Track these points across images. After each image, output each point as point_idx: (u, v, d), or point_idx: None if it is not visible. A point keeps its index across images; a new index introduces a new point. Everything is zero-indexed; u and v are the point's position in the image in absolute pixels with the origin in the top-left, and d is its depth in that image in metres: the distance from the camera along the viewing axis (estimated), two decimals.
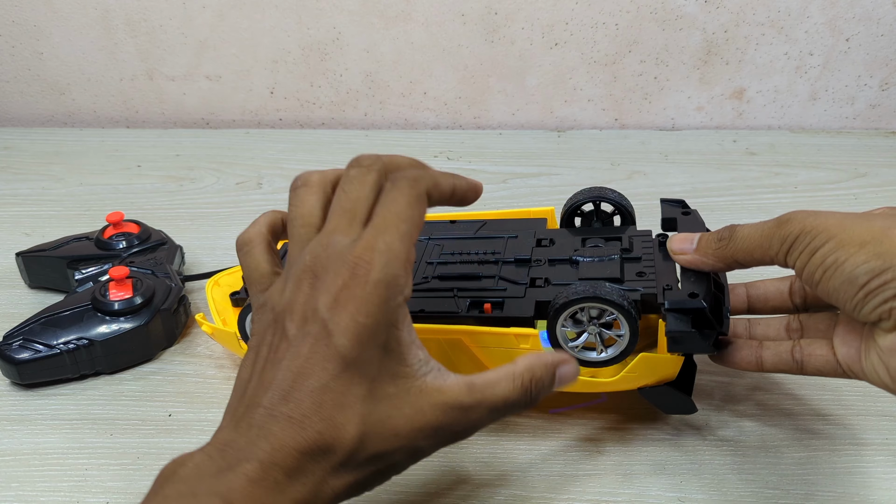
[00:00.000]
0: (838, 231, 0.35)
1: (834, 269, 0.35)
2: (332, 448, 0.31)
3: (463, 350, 0.43)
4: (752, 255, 0.38)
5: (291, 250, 0.36)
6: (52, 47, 0.81)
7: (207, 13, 0.78)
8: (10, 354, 0.48)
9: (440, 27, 0.78)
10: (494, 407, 0.35)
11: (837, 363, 0.39)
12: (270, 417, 0.31)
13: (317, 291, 0.33)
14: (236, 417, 0.33)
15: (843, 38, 0.78)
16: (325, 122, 0.86)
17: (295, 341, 0.33)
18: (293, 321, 0.33)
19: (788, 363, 0.40)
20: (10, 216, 0.68)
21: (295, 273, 0.34)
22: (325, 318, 0.32)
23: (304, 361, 0.32)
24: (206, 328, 0.48)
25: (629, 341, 0.40)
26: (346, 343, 0.32)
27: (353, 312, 0.32)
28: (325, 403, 0.32)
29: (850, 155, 0.77)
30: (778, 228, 0.37)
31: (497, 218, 0.52)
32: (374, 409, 0.33)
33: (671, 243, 0.42)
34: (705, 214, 0.47)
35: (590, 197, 0.49)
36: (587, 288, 0.39)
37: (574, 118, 0.84)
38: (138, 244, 0.57)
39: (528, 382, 0.36)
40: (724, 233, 0.40)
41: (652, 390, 0.43)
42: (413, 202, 0.34)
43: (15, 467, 0.44)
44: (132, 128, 0.86)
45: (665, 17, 0.77)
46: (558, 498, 0.42)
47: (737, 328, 0.44)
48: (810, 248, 0.35)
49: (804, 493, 0.41)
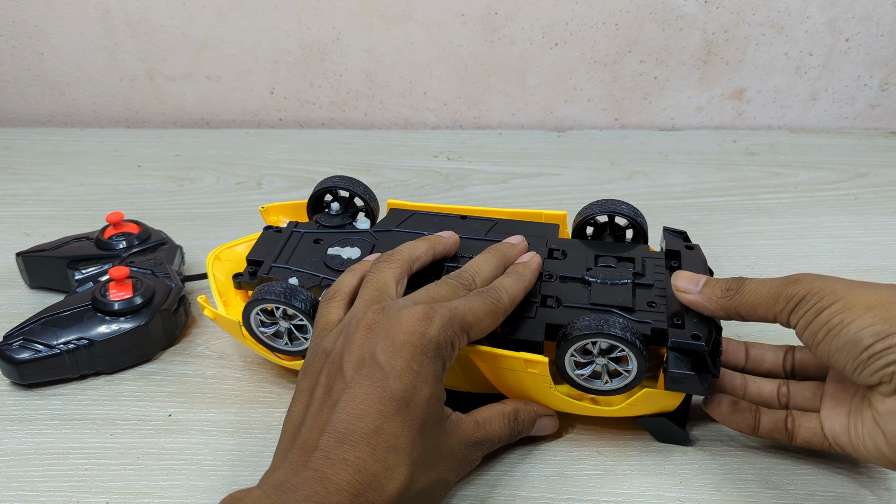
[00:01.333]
0: (845, 294, 0.36)
1: (839, 330, 0.35)
2: (384, 488, 0.33)
3: (469, 366, 0.43)
4: (756, 310, 0.39)
5: (357, 304, 0.41)
6: (52, 47, 0.81)
7: (207, 13, 0.78)
8: (10, 354, 0.48)
9: (440, 27, 0.78)
10: (492, 441, 0.41)
11: (824, 436, 0.40)
12: (326, 460, 0.33)
13: (375, 336, 0.37)
14: (291, 459, 0.34)
15: (843, 38, 0.78)
16: (325, 122, 0.86)
17: (352, 383, 0.35)
18: (350, 363, 0.36)
19: (781, 432, 0.42)
20: (10, 216, 0.68)
21: (355, 320, 0.38)
22: (381, 362, 0.35)
23: (360, 403, 0.35)
24: (208, 312, 0.47)
25: (635, 377, 0.41)
26: (401, 386, 0.35)
27: (408, 359, 0.36)
28: (379, 446, 0.34)
29: (850, 155, 0.77)
30: (785, 287, 0.38)
31: (509, 218, 0.52)
32: (421, 451, 0.35)
33: (676, 280, 0.42)
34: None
35: (604, 210, 0.49)
36: (599, 323, 0.40)
37: (574, 118, 0.84)
38: (138, 244, 0.57)
39: (513, 423, 0.42)
40: (733, 284, 0.40)
41: (650, 419, 0.44)
42: (488, 311, 0.39)
43: (15, 467, 0.44)
44: (132, 128, 0.86)
45: (665, 17, 0.77)
46: (558, 498, 0.42)
47: (735, 381, 0.44)
48: (816, 308, 0.36)
49: (804, 493, 0.41)
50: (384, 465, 0.34)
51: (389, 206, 0.54)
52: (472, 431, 0.40)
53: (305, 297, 0.44)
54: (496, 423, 0.41)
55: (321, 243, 0.51)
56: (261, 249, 0.50)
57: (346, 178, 0.54)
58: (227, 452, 0.45)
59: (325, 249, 0.50)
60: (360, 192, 0.54)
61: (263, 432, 0.46)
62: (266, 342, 0.46)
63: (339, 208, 0.54)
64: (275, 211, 0.55)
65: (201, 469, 0.44)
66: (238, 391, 0.49)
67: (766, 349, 0.46)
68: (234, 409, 0.48)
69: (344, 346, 0.37)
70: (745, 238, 0.64)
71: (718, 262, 0.61)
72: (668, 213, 0.67)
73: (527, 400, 0.43)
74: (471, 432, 0.39)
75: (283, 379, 0.50)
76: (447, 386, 0.39)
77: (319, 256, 0.49)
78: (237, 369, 0.51)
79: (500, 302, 0.40)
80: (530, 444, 0.45)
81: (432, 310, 0.37)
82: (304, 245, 0.50)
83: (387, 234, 0.51)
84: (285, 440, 0.36)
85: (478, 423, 0.40)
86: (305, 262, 0.49)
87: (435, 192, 0.72)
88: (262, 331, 0.46)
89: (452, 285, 0.41)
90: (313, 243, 0.51)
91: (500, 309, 0.40)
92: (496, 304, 0.40)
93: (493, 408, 0.42)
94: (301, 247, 0.50)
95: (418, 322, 0.36)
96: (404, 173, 0.75)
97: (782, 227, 0.65)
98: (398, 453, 0.34)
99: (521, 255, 0.45)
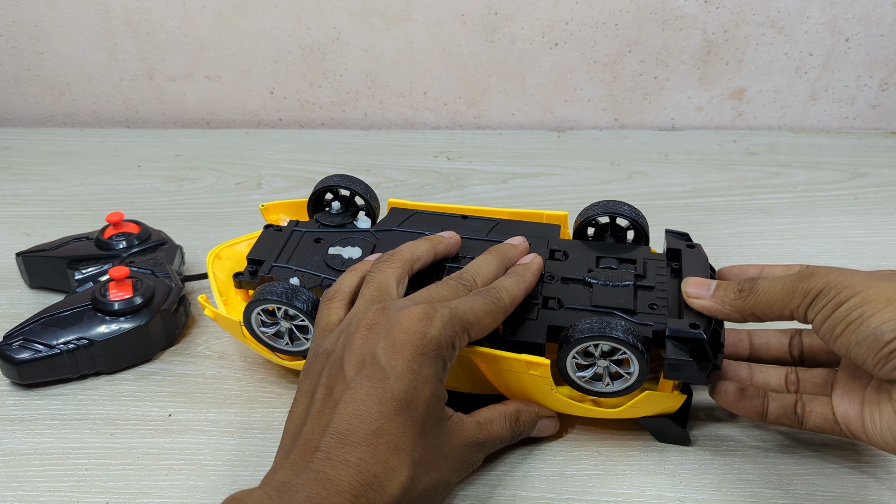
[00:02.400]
0: (864, 287, 0.35)
1: (859, 324, 0.35)
2: (385, 489, 0.33)
3: (470, 367, 0.43)
4: (772, 308, 0.38)
5: (358, 304, 0.40)
6: (52, 47, 0.81)
7: (207, 13, 0.78)
8: (10, 354, 0.48)
9: (440, 27, 0.78)
10: (494, 442, 0.41)
11: (836, 421, 0.40)
12: (327, 461, 0.33)
13: (376, 336, 0.37)
14: (292, 460, 0.34)
15: (843, 39, 0.78)
16: (325, 122, 0.86)
17: (353, 383, 0.35)
18: (351, 363, 0.36)
19: (791, 417, 0.41)
20: (10, 216, 0.68)
21: (355, 321, 0.38)
22: (382, 362, 0.35)
23: (361, 404, 0.34)
24: (208, 312, 0.47)
25: (636, 379, 0.41)
26: (402, 387, 0.35)
27: (409, 359, 0.35)
28: (380, 447, 0.34)
29: (850, 155, 0.77)
30: (800, 282, 0.37)
31: (510, 218, 0.52)
32: (422, 452, 0.35)
33: (686, 286, 0.42)
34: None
35: (606, 211, 0.49)
36: (601, 326, 0.40)
37: (574, 118, 0.84)
38: (138, 244, 0.57)
39: (514, 424, 0.42)
40: (745, 285, 0.40)
41: (651, 420, 0.44)
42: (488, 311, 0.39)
43: (15, 467, 0.44)
44: (132, 128, 0.86)
45: (665, 17, 0.77)
46: (558, 498, 0.42)
47: (740, 372, 0.44)
48: (834, 302, 0.36)
49: (804, 493, 0.41)
50: (385, 466, 0.33)
51: (390, 206, 0.54)
52: (474, 432, 0.40)
53: (307, 298, 0.44)
54: (498, 424, 0.41)
55: (322, 243, 0.51)
56: (261, 248, 0.50)
57: (347, 177, 0.54)
58: (227, 452, 0.45)
59: (326, 249, 0.50)
60: (361, 191, 0.54)
61: (263, 432, 0.46)
62: (267, 342, 0.46)
63: (339, 207, 0.54)
64: (275, 209, 0.55)
65: (201, 469, 0.44)
66: (238, 391, 0.49)
67: (770, 335, 0.45)
68: (234, 409, 0.48)
69: (345, 347, 0.37)
70: (745, 238, 0.64)
71: (719, 263, 0.61)
72: (668, 213, 0.67)
73: (528, 401, 0.43)
74: (472, 433, 0.39)
75: (283, 379, 0.50)
76: (448, 387, 0.39)
77: (320, 256, 0.49)
78: (237, 369, 0.51)
79: (500, 301, 0.40)
80: (531, 444, 0.45)
81: (433, 309, 0.37)
82: (304, 244, 0.50)
83: (388, 233, 0.51)
84: (287, 441, 0.36)
85: (479, 423, 0.40)
86: (306, 261, 0.49)
87: (435, 192, 0.72)
88: (263, 331, 0.46)
89: (453, 286, 0.41)
90: (314, 242, 0.51)
91: (501, 308, 0.40)
92: (496, 304, 0.40)
93: (494, 409, 0.42)
94: (302, 246, 0.50)
95: (419, 322, 0.36)
96: (404, 173, 0.75)
97: (782, 227, 0.65)
98: (399, 454, 0.34)
99: (522, 257, 0.45)
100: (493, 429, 0.41)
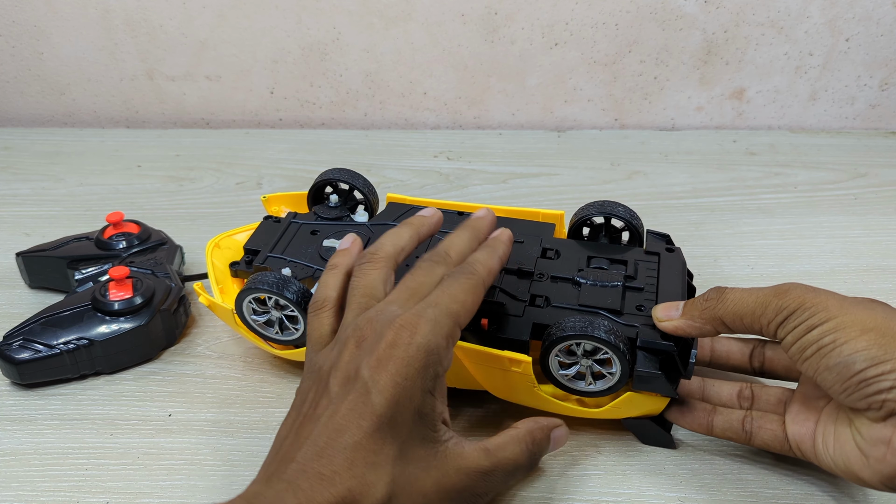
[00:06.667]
0: (839, 312, 0.35)
1: (830, 349, 0.34)
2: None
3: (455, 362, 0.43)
4: (742, 319, 0.38)
5: (347, 316, 0.39)
6: (52, 47, 0.81)
7: (207, 13, 0.78)
8: (10, 354, 0.48)
9: (440, 27, 0.78)
10: (507, 470, 0.38)
11: (786, 440, 0.40)
12: (301, 473, 0.32)
13: (362, 352, 0.35)
14: (269, 471, 0.34)
15: (843, 39, 0.78)
16: (325, 122, 0.86)
17: (336, 399, 0.35)
18: (336, 379, 0.35)
19: (738, 432, 0.41)
20: (10, 216, 0.68)
21: (344, 336, 0.37)
22: (365, 377, 0.34)
23: (341, 418, 0.34)
24: (203, 300, 0.48)
25: (618, 380, 0.41)
26: (383, 402, 0.34)
27: (392, 373, 0.34)
28: (357, 461, 0.33)
29: (850, 155, 0.77)
30: (775, 297, 0.37)
31: (506, 216, 0.52)
32: (403, 470, 0.34)
33: (656, 311, 0.41)
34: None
35: (600, 212, 0.49)
36: (584, 325, 0.39)
37: (574, 118, 0.84)
38: (138, 244, 0.57)
39: (530, 445, 0.39)
40: (711, 294, 0.39)
41: (634, 421, 0.44)
42: (468, 289, 0.37)
43: (15, 467, 0.44)
44: (132, 128, 0.86)
45: (665, 17, 0.77)
46: (558, 498, 0.42)
47: (691, 386, 0.44)
48: (807, 324, 0.35)
49: (804, 493, 0.41)
50: (361, 482, 0.32)
51: (388, 200, 0.55)
52: (478, 459, 0.37)
53: (297, 289, 0.44)
54: (510, 449, 0.38)
55: (318, 235, 0.51)
56: (259, 239, 0.51)
57: (347, 171, 0.54)
58: (227, 452, 0.45)
59: (321, 241, 0.50)
60: (360, 185, 0.54)
61: (263, 432, 0.46)
62: (258, 330, 0.47)
63: (337, 201, 0.54)
64: (276, 201, 0.56)
65: (201, 469, 0.44)
66: (238, 391, 0.49)
67: (731, 343, 0.45)
68: (234, 409, 0.48)
69: (333, 363, 0.36)
70: (745, 238, 0.64)
71: (718, 262, 0.61)
72: (668, 213, 0.67)
73: (535, 417, 0.41)
74: (475, 460, 0.36)
75: (283, 379, 0.50)
76: None
77: (315, 248, 0.50)
78: (237, 369, 0.51)
79: (475, 275, 0.38)
80: None
81: (417, 316, 0.35)
82: (300, 236, 0.51)
83: (383, 227, 0.51)
84: (270, 454, 0.36)
85: (487, 450, 0.37)
86: (301, 252, 0.49)
87: (435, 192, 0.72)
88: (254, 319, 0.46)
89: (427, 267, 0.39)
90: (310, 234, 0.51)
91: (479, 282, 0.38)
92: (473, 279, 0.38)
93: (504, 433, 0.39)
94: (298, 237, 0.51)
95: (403, 332, 0.35)
96: (404, 173, 0.75)
97: (782, 227, 0.65)
98: (377, 470, 0.33)
99: (491, 228, 0.43)
100: (505, 454, 0.38)
